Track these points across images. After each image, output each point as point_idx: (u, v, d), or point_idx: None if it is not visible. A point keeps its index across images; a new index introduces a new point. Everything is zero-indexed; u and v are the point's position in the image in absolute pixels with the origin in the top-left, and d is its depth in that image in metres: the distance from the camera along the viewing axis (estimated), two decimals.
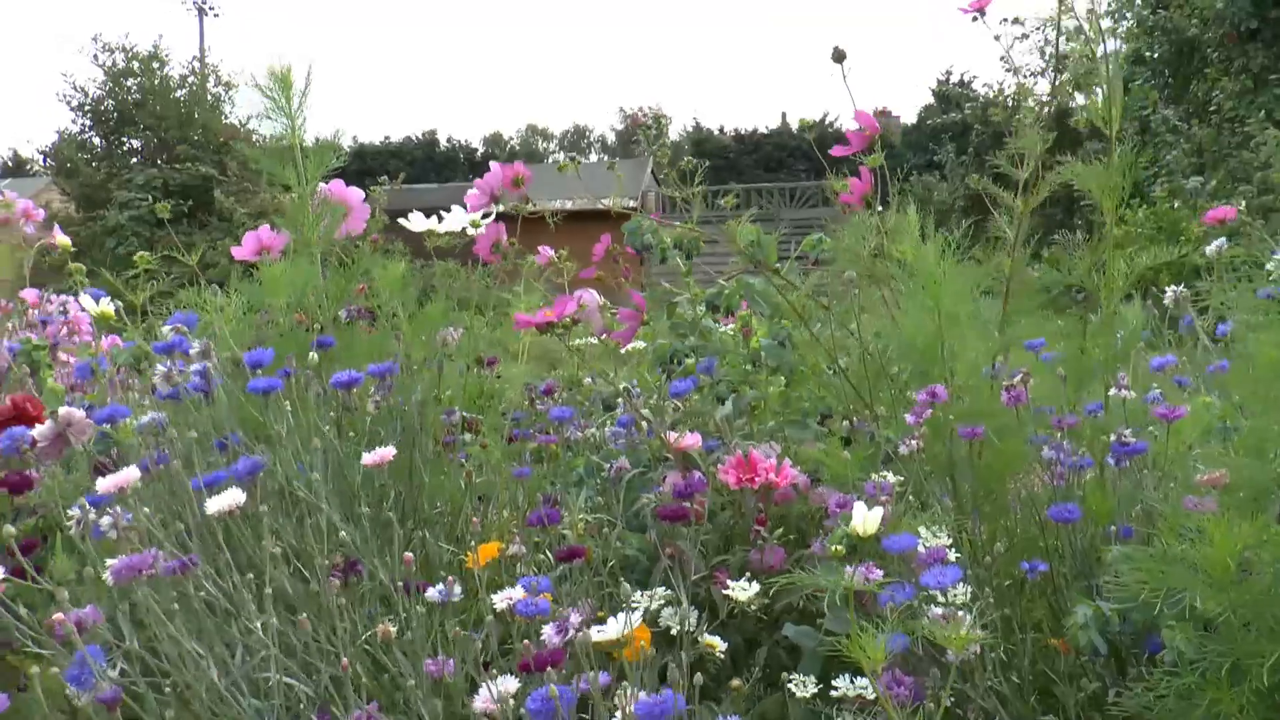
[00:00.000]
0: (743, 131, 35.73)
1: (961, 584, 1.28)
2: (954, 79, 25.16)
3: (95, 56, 19.38)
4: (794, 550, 1.61)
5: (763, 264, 1.67)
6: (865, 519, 1.15)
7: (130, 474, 1.21)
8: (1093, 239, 1.70)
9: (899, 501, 1.54)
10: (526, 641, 1.03)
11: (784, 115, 39.33)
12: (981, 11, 1.73)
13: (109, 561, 1.14)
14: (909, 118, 27.19)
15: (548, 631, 1.10)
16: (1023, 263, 1.76)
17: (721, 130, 35.58)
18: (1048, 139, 1.68)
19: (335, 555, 1.20)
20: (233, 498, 1.14)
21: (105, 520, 1.25)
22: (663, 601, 1.34)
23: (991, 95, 17.87)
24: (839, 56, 1.66)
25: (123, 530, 1.23)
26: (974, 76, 25.50)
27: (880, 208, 1.82)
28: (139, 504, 1.22)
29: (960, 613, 1.25)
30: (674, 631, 1.30)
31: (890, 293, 1.89)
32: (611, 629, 1.07)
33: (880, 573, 1.32)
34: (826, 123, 23.68)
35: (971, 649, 1.22)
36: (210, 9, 27.03)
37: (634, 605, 1.20)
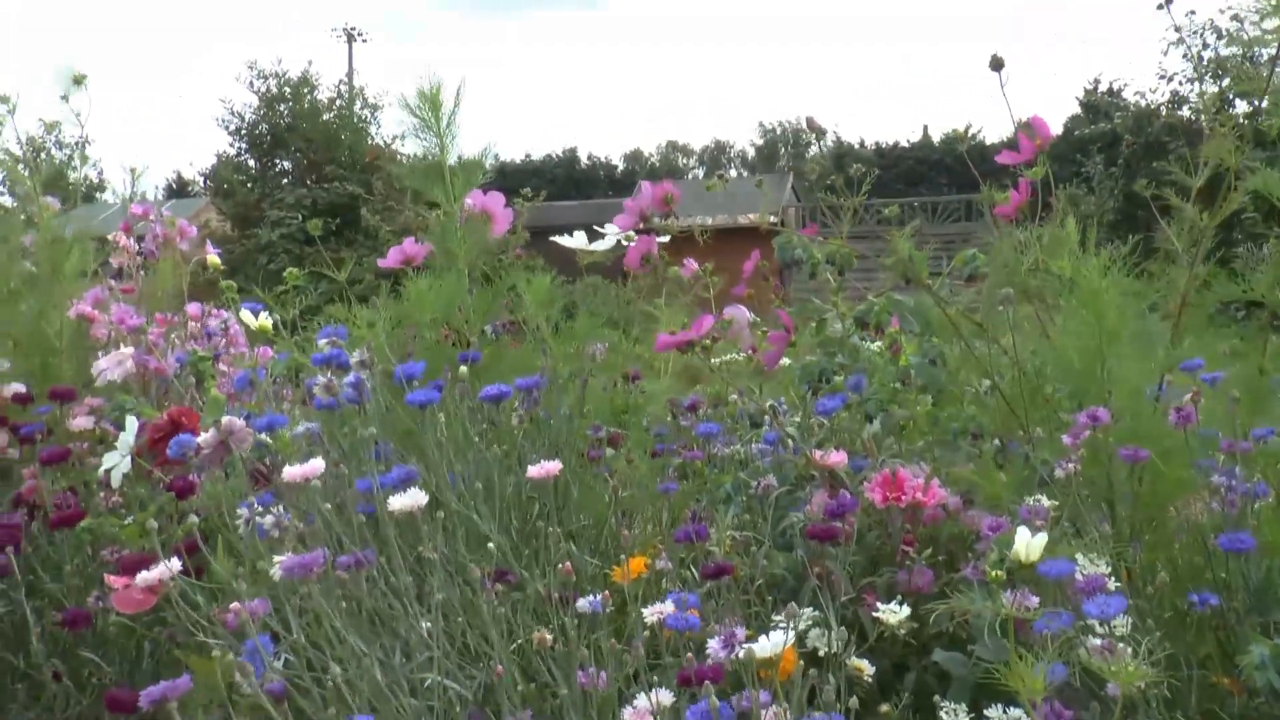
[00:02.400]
0: (884, 145, 35.28)
1: (1122, 614, 1.22)
2: (1103, 88, 24.30)
3: (251, 83, 20.31)
4: (942, 573, 1.57)
5: (915, 280, 1.63)
6: (1028, 545, 1.11)
7: (316, 464, 1.24)
8: (1275, 253, 1.61)
9: (1054, 526, 1.48)
10: (690, 654, 1.02)
11: (925, 128, 38.71)
12: None
13: (275, 559, 1.18)
14: (1054, 128, 26.35)
15: (713, 645, 1.09)
16: (1199, 279, 1.68)
17: (862, 144, 35.17)
18: (1243, 147, 1.60)
19: (486, 564, 1.22)
20: (414, 498, 1.16)
21: (269, 520, 1.30)
22: (810, 622, 1.32)
23: (1145, 105, 17.11)
24: (997, 65, 1.61)
25: (283, 530, 1.28)
26: (1124, 85, 24.57)
27: (1033, 221, 1.76)
28: (320, 498, 1.26)
29: (1121, 644, 1.20)
30: (822, 653, 1.28)
31: (1045, 310, 1.83)
32: (762, 647, 1.05)
33: (1036, 599, 1.28)
34: (970, 135, 23.19)
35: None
36: (359, 35, 28.07)
37: (782, 625, 1.19)
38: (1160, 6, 1.68)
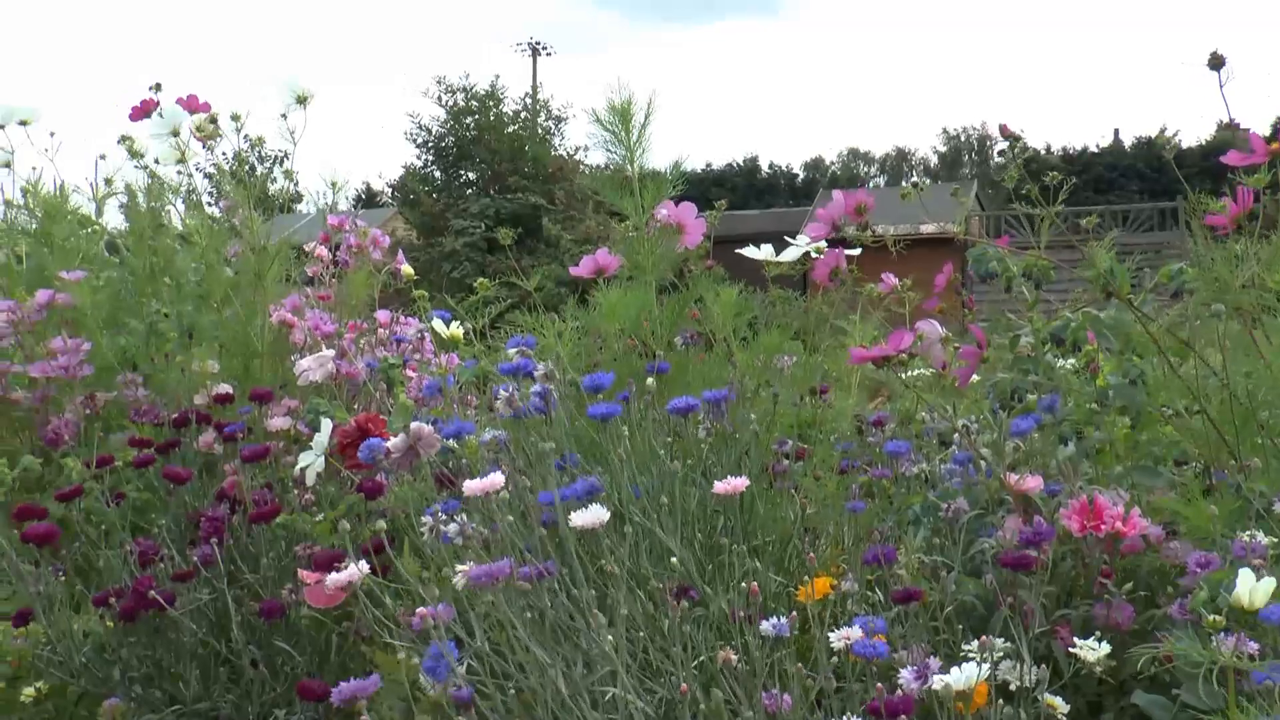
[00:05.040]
0: (1071, 150, 33.92)
1: None
2: None
3: (439, 98, 21.07)
4: (1143, 608, 1.47)
5: (1115, 294, 1.54)
6: (1253, 590, 1.02)
7: (495, 479, 1.26)
8: None
9: (1274, 566, 1.37)
10: (880, 685, 0.99)
11: (1116, 132, 37.04)
12: None
13: (458, 567, 1.20)
14: (1261, 129, 24.72)
15: (905, 675, 1.05)
16: None
17: (1049, 150, 33.88)
18: None
19: (669, 579, 1.21)
20: (596, 515, 1.16)
21: (452, 527, 1.33)
22: (1001, 654, 1.26)
23: None
24: (1217, 63, 1.50)
25: (467, 537, 1.30)
26: None
27: (1243, 232, 1.65)
28: (503, 511, 1.27)
29: None
30: (1013, 686, 1.22)
31: (1260, 328, 1.71)
32: (955, 679, 1.01)
33: (1255, 645, 1.19)
34: (1170, 138, 22.04)
35: None
36: (544, 48, 28.74)
37: (974, 656, 1.14)
38: None
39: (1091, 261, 1.53)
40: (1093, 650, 1.24)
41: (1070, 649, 1.28)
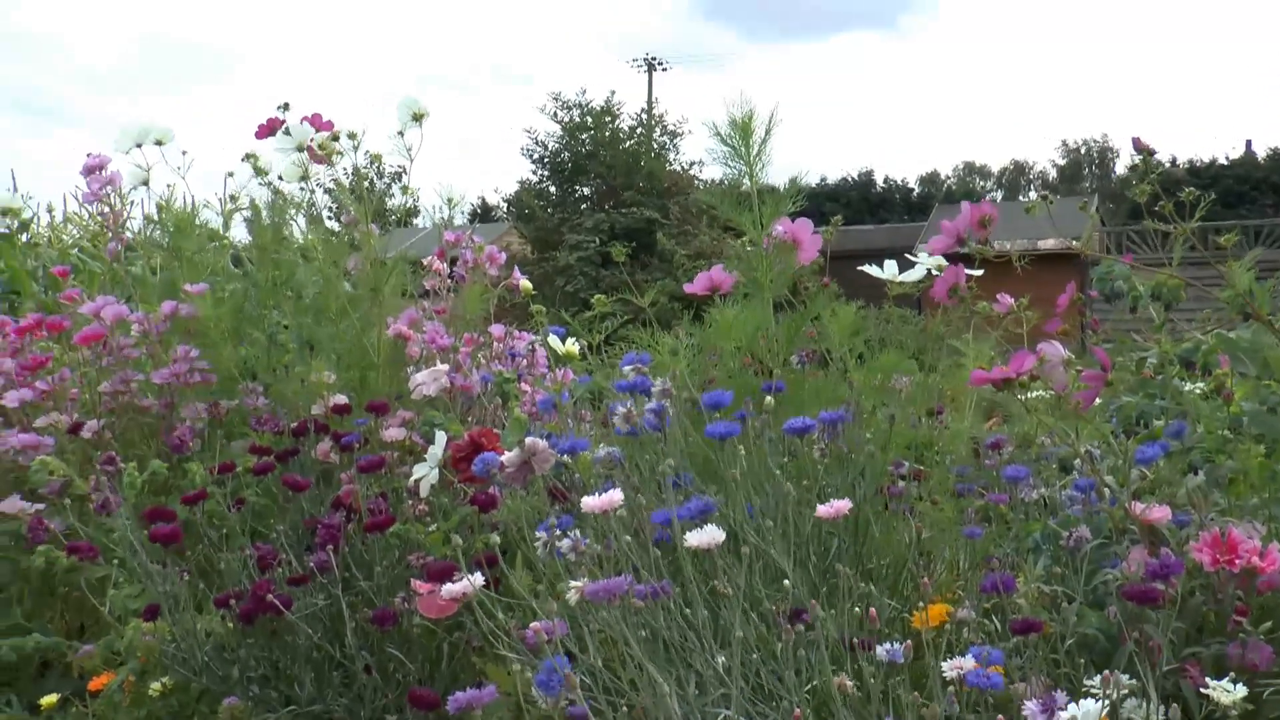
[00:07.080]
0: (1198, 163, 32.77)
1: None
2: None
3: (555, 114, 21.35)
4: None
5: (1255, 315, 1.47)
6: None
7: (614, 497, 1.27)
8: None
9: None
10: (1000, 716, 0.97)
11: (1249, 144, 35.64)
12: None
13: (573, 582, 1.20)
14: None
15: (1030, 708, 1.03)
16: None
17: (1174, 163, 32.79)
18: None
19: (783, 602, 1.20)
20: (711, 535, 1.15)
21: (565, 543, 1.34)
22: (1125, 691, 1.21)
23: None
24: None
25: (580, 553, 1.31)
26: None
27: None
28: (621, 529, 1.27)
29: None
30: None
31: None
32: (1075, 713, 0.98)
33: None
34: None
35: None
36: (659, 64, 28.92)
37: (1095, 692, 1.10)
38: None
39: (1230, 281, 1.46)
40: (1228, 692, 1.18)
41: (1202, 689, 1.22)
